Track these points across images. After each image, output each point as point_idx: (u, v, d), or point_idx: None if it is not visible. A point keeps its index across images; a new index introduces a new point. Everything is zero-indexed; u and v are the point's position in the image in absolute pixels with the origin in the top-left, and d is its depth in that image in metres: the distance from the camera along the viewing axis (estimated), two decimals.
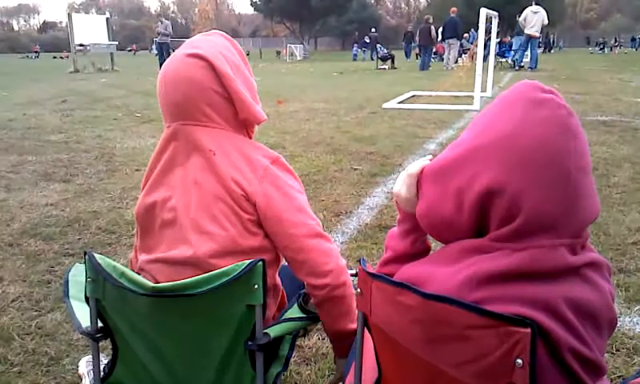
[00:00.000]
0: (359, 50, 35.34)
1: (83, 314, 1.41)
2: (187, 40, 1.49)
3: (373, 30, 34.47)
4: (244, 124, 1.49)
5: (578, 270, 0.96)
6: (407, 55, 32.47)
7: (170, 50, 20.22)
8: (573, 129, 0.96)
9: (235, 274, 1.25)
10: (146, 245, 1.50)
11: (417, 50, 26.66)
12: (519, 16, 18.52)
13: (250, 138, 1.52)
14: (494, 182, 0.96)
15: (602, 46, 44.78)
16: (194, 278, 1.25)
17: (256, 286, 1.26)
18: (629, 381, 1.03)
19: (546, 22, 17.53)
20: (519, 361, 0.86)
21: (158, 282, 1.37)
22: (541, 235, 0.94)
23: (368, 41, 29.94)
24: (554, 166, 0.94)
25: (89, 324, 1.38)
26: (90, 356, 1.99)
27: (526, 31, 17.72)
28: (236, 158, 1.41)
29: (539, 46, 22.73)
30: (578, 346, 0.92)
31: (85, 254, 1.33)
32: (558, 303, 0.92)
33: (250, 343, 1.32)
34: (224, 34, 1.53)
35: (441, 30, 20.87)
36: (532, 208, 0.94)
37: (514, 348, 0.87)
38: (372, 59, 24.95)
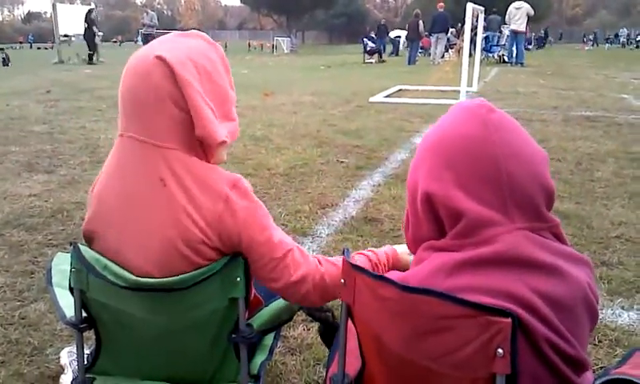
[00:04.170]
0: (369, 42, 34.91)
1: (67, 304, 1.41)
2: (159, 39, 1.32)
3: (382, 21, 34.65)
4: (201, 143, 1.27)
5: (549, 262, 0.96)
6: (383, 49, 32.34)
7: None
8: (493, 122, 1.01)
9: (217, 267, 1.25)
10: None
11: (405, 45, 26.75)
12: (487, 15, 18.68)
13: (209, 160, 1.30)
14: (427, 186, 1.03)
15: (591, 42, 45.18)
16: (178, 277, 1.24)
17: (238, 279, 1.27)
18: (610, 370, 1.04)
19: (532, 13, 17.43)
20: (500, 350, 0.87)
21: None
22: (493, 225, 0.97)
23: (374, 35, 29.73)
24: (480, 159, 0.99)
25: (73, 314, 1.37)
26: (72, 346, 1.99)
27: (512, 27, 17.73)
28: (191, 187, 1.23)
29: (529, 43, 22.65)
30: (555, 338, 0.93)
31: (71, 244, 1.32)
32: (530, 296, 0.93)
33: (233, 336, 1.32)
34: (204, 35, 1.35)
35: (430, 24, 20.84)
36: (468, 203, 0.98)
37: (494, 338, 0.87)
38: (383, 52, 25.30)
